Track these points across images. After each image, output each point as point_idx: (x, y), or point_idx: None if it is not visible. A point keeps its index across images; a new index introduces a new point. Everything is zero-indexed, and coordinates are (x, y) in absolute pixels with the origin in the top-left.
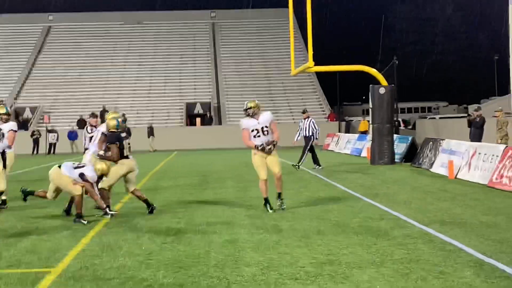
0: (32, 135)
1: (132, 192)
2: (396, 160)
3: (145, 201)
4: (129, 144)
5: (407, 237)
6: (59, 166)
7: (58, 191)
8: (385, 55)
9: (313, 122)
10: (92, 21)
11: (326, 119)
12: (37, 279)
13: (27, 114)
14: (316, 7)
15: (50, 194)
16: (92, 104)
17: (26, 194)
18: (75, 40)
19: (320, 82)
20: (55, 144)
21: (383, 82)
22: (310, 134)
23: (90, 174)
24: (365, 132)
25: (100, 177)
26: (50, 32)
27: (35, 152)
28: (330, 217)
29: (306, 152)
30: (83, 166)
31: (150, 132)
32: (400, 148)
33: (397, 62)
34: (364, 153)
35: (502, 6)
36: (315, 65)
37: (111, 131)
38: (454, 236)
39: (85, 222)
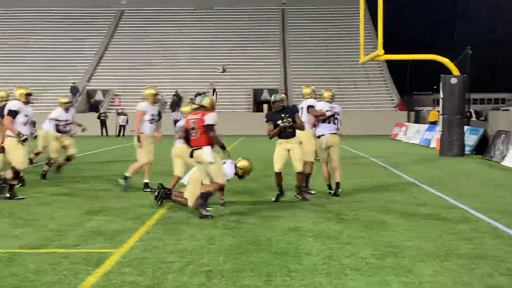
0: (98, 116)
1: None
2: (466, 152)
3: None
4: None
5: (474, 231)
6: None
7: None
8: (458, 44)
9: None
10: (163, 6)
11: (395, 109)
12: (102, 259)
13: (98, 96)
14: None
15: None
16: (162, 88)
17: (163, 198)
18: (146, 25)
19: (390, 71)
20: (124, 126)
21: (455, 72)
22: None
23: (228, 170)
24: (434, 123)
25: (240, 177)
26: (122, 17)
27: (104, 133)
28: (395, 208)
29: None
30: (225, 161)
31: None
32: (470, 140)
33: (470, 52)
34: (433, 144)
35: None
36: (385, 53)
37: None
38: None
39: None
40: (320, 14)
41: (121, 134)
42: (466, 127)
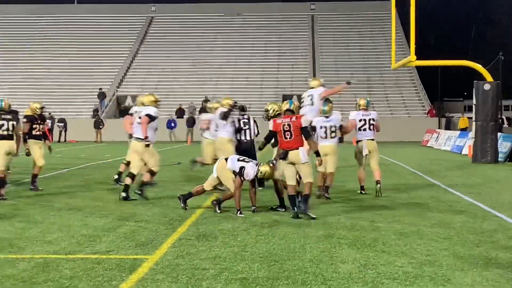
0: None
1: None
2: (499, 159)
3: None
4: None
5: None
6: (226, 159)
7: (216, 183)
8: (490, 50)
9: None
10: (192, 12)
11: (426, 115)
12: (135, 266)
13: (128, 102)
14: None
15: (207, 186)
16: (191, 94)
17: (186, 198)
18: (176, 31)
19: (420, 77)
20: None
21: (489, 78)
22: None
23: (249, 171)
24: (465, 129)
25: (260, 180)
26: (152, 23)
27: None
28: (430, 215)
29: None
30: (249, 162)
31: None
32: (504, 147)
33: (503, 58)
34: (465, 151)
35: None
36: (416, 59)
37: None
38: None
39: (243, 215)
40: (350, 20)
41: None
42: (499, 134)
